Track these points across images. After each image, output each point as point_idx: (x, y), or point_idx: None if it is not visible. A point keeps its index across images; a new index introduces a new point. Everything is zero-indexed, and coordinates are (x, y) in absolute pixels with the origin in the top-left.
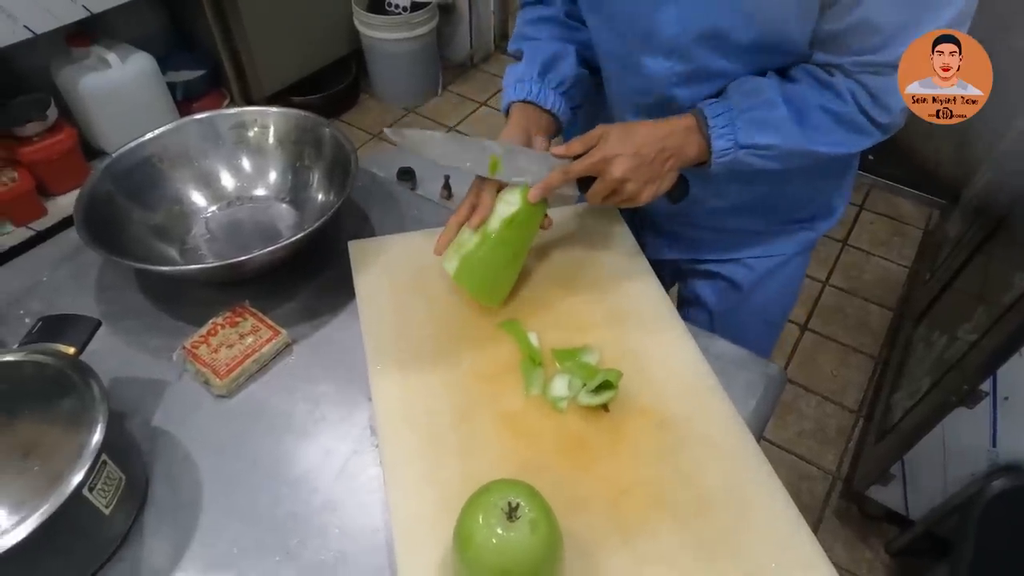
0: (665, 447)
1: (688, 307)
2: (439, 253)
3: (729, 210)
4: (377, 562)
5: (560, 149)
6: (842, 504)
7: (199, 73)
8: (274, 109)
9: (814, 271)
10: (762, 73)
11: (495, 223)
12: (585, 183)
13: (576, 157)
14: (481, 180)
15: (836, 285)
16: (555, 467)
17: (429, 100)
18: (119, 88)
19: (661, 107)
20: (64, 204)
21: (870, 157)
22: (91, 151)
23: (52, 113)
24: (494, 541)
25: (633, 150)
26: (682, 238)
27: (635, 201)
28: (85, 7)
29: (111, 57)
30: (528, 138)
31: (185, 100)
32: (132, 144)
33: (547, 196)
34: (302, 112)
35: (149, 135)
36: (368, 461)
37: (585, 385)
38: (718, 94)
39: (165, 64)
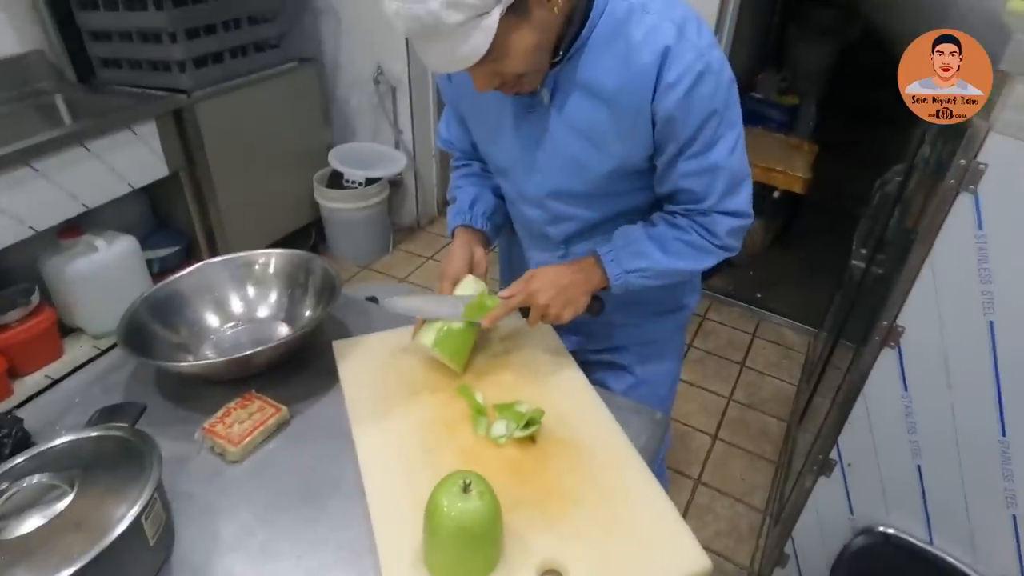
0: (577, 464)
1: None
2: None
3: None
4: (364, 566)
5: (505, 292)
6: None
7: (174, 249)
8: (276, 251)
9: (719, 388)
10: (631, 220)
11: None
12: (525, 311)
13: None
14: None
15: (739, 400)
16: (500, 481)
17: (381, 258)
18: (103, 271)
19: (541, 238)
20: (31, 383)
21: (758, 295)
22: (64, 328)
23: (35, 299)
24: (454, 512)
25: (551, 283)
26: (581, 331)
27: (560, 320)
28: (84, 204)
29: (99, 243)
30: (471, 250)
31: (160, 273)
32: (164, 282)
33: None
34: (297, 251)
35: (178, 275)
36: (357, 499)
37: (518, 426)
38: (586, 230)
39: (144, 243)
